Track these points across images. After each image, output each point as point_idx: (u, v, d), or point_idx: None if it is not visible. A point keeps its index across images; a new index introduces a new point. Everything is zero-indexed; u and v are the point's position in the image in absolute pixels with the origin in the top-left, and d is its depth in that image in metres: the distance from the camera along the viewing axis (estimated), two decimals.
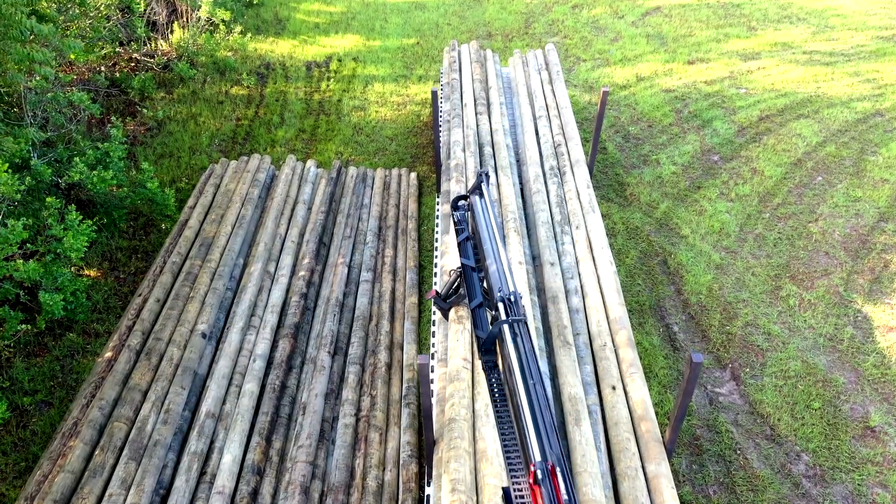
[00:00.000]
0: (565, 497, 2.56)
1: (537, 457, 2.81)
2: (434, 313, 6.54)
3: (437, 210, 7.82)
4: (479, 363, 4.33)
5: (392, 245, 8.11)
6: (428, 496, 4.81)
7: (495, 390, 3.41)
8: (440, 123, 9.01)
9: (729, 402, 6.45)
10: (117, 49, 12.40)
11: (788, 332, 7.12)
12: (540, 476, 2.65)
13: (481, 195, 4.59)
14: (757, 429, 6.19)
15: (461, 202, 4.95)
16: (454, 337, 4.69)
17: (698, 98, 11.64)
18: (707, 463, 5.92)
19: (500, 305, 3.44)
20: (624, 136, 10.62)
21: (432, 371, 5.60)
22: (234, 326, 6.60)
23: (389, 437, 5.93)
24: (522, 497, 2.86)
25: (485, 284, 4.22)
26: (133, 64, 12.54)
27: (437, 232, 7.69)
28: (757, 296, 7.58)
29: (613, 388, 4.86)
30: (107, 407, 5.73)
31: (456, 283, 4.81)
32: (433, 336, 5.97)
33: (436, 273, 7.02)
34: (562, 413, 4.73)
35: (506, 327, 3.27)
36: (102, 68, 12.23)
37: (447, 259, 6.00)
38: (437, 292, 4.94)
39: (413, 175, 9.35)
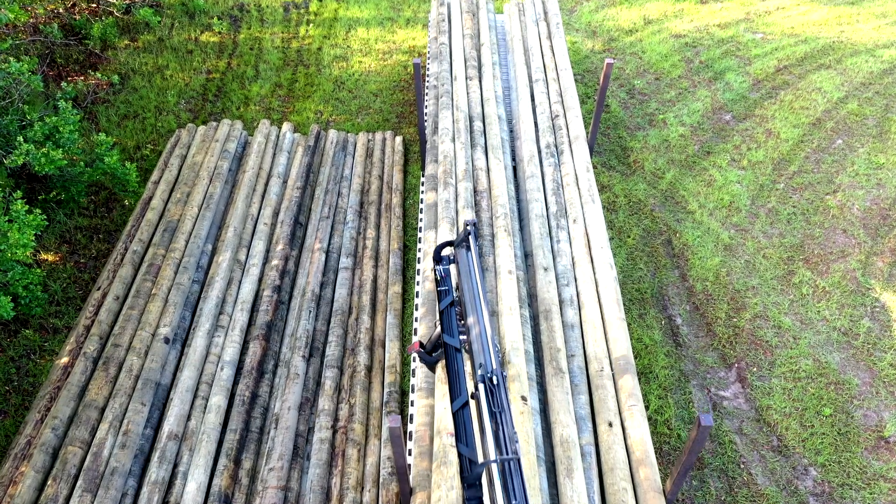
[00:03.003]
0: None
1: None
2: (417, 319, 5.99)
3: (422, 192, 7.13)
4: None
5: (374, 224, 7.48)
6: None
7: None
8: (426, 89, 8.18)
9: (734, 408, 6.02)
10: None
11: (800, 325, 6.61)
12: None
13: (468, 248, 3.85)
14: (763, 439, 5.78)
15: (445, 251, 4.18)
16: (441, 403, 4.11)
17: (710, 45, 10.68)
18: (708, 479, 5.54)
19: (481, 387, 2.87)
20: (629, 92, 9.77)
21: (412, 392, 5.13)
22: (201, 328, 6.08)
23: (369, 452, 5.52)
24: None
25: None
26: (94, 5, 11.44)
27: (420, 221, 7.02)
28: (767, 282, 7.02)
29: (610, 424, 4.38)
30: (60, 427, 5.28)
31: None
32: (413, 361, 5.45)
33: (418, 283, 6.40)
34: (552, 457, 4.27)
35: (494, 467, 2.68)
36: (61, 10, 11.16)
37: (430, 263, 5.40)
38: (420, 344, 4.20)
39: (399, 140, 8.59)
